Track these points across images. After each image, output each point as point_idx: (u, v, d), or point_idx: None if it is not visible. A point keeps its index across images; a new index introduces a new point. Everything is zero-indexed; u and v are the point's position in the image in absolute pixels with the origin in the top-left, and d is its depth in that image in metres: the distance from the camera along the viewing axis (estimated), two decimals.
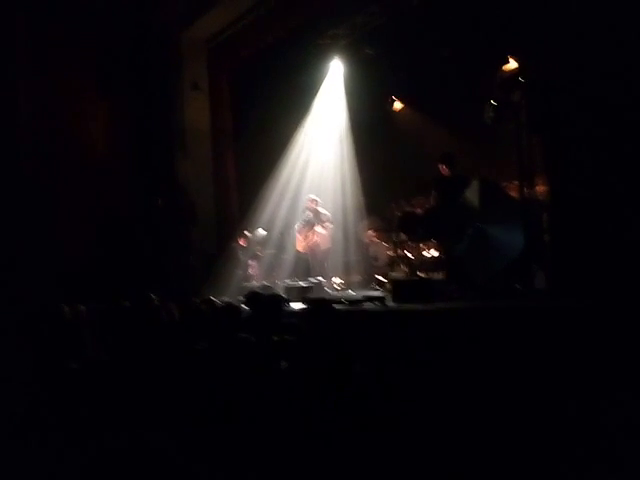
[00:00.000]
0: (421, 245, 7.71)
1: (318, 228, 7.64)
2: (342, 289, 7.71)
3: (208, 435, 2.69)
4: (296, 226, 8.01)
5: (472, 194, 5.54)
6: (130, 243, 9.06)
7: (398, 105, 9.64)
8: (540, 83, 5.35)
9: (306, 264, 7.94)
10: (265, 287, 7.12)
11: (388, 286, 6.32)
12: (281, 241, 8.10)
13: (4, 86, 8.33)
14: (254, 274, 8.81)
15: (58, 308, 3.51)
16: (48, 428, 2.69)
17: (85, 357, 3.15)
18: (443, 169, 6.27)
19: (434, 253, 7.54)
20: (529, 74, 5.65)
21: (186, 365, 3.08)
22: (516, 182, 6.39)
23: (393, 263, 7.51)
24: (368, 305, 5.14)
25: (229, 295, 7.26)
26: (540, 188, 6.28)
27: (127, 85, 9.60)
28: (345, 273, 8.53)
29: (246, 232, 9.14)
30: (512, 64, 7.37)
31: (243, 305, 4.05)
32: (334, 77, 9.53)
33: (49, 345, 3.18)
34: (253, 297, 4.20)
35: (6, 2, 8.28)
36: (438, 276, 6.52)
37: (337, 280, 7.94)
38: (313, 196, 8.12)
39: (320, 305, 3.37)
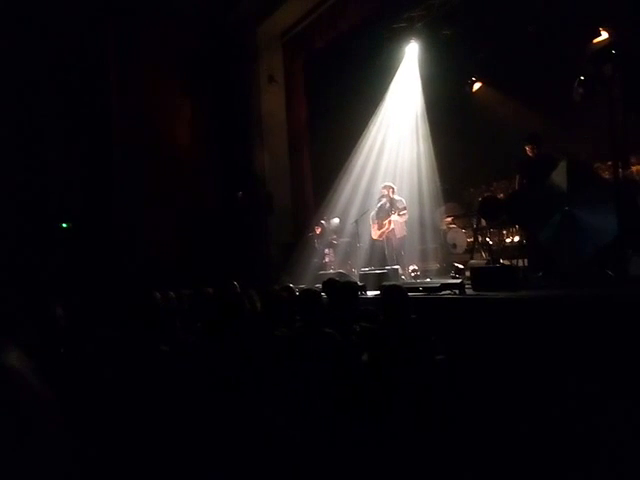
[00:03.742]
0: (503, 231, 7.42)
1: (394, 216, 7.55)
2: (419, 277, 7.59)
3: (286, 417, 2.76)
4: (371, 214, 7.96)
5: (559, 176, 5.22)
6: (214, 234, 9.47)
7: (477, 86, 9.28)
8: (635, 55, 4.93)
9: (382, 252, 7.89)
10: (341, 275, 7.16)
11: (467, 274, 6.14)
12: (356, 229, 8.10)
13: (98, 90, 8.97)
14: (330, 262, 8.90)
15: (150, 294, 3.75)
16: (143, 405, 2.88)
17: (175, 340, 3.34)
18: (530, 150, 5.95)
19: (516, 239, 7.24)
20: (623, 46, 5.22)
21: (266, 350, 3.18)
22: (609, 162, 5.98)
23: (472, 250, 7.27)
24: (446, 293, 5.02)
25: (306, 283, 7.40)
26: (635, 168, 5.83)
27: (208, 83, 10.01)
28: (422, 261, 8.39)
29: (322, 221, 9.23)
30: (603, 36, 6.85)
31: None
32: (410, 61, 9.33)
33: (142, 328, 3.39)
34: (329, 284, 4.26)
35: (98, 9, 8.87)
36: (521, 263, 6.24)
37: (414, 268, 7.82)
38: (389, 183, 8.02)
39: (393, 291, 3.33)
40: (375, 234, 7.86)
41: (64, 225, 8.69)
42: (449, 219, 8.61)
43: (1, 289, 6.37)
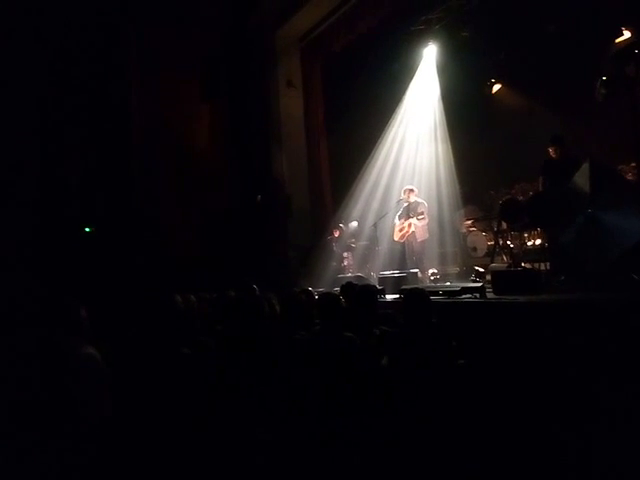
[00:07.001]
0: (524, 234, 7.33)
1: (414, 220, 7.51)
2: (439, 280, 7.53)
3: (300, 423, 2.76)
4: (396, 215, 7.93)
5: (582, 178, 5.14)
6: (233, 237, 9.53)
7: (496, 87, 9.21)
8: None
9: (401, 255, 7.85)
10: (359, 278, 7.15)
11: (488, 277, 6.08)
12: (374, 232, 8.07)
13: (119, 93, 9.11)
14: (348, 266, 8.89)
15: (171, 297, 3.78)
16: (163, 407, 2.91)
17: (196, 343, 3.36)
18: (553, 151, 5.87)
19: (538, 242, 7.14)
20: None
21: (285, 353, 3.19)
22: (632, 163, 5.88)
23: (493, 253, 7.20)
24: (467, 297, 4.98)
25: (324, 286, 7.40)
26: None
27: (226, 87, 10.10)
28: (442, 264, 8.33)
29: (340, 224, 9.23)
30: (626, 35, 6.74)
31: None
32: (428, 63, 9.30)
33: (163, 331, 3.42)
34: (348, 288, 4.25)
35: (118, 13, 9.02)
36: (543, 267, 6.16)
37: (434, 271, 7.77)
38: (410, 186, 7.99)
39: (415, 294, 3.30)
40: (397, 235, 7.84)
41: (87, 229, 8.83)
42: (469, 222, 8.53)
43: (26, 292, 6.50)
